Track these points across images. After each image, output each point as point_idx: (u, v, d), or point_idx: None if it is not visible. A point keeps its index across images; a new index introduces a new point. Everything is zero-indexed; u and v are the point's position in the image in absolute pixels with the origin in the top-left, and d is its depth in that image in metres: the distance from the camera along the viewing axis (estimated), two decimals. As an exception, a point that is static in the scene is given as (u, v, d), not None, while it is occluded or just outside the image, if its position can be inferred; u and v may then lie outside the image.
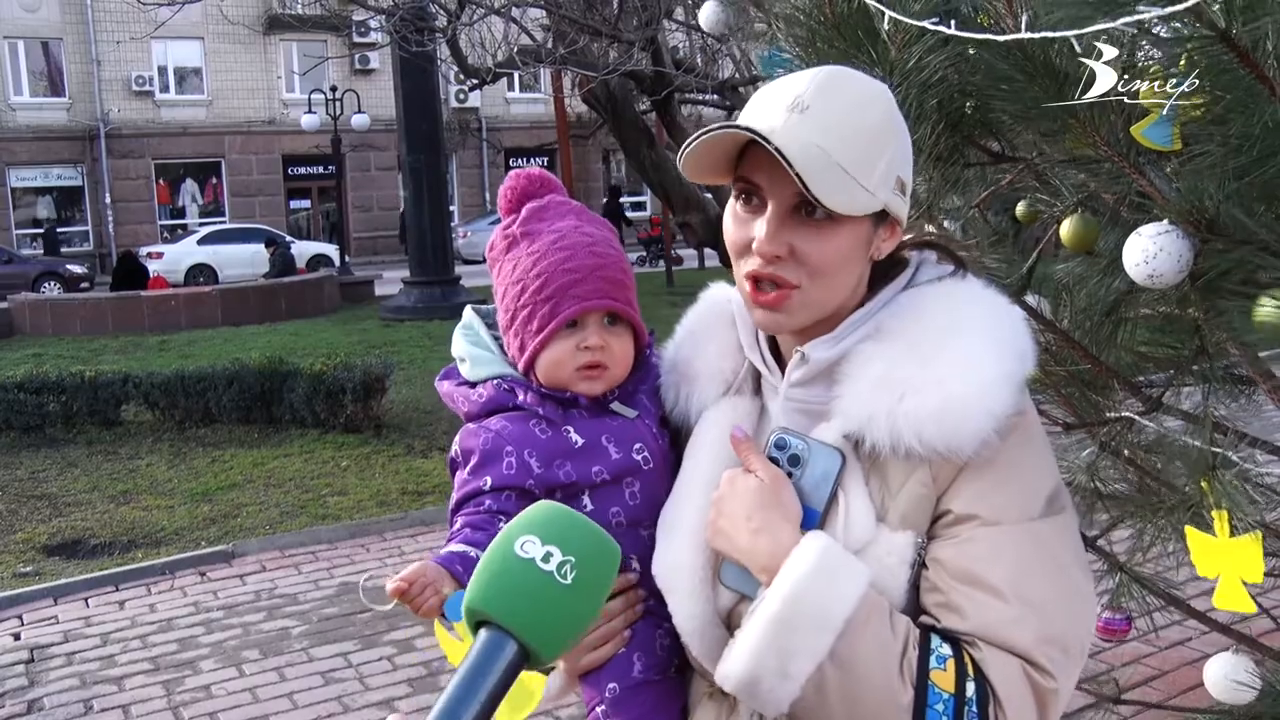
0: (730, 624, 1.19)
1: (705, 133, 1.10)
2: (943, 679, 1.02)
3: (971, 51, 1.62)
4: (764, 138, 1.06)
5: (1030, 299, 1.97)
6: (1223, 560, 1.55)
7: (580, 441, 1.32)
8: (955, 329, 1.12)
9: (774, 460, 1.14)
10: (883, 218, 1.15)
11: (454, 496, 1.35)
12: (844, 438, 1.13)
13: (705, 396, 1.29)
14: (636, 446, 1.33)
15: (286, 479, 7.11)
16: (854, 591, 1.04)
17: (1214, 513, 1.56)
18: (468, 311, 1.47)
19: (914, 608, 1.10)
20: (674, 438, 1.36)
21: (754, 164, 1.14)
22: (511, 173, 1.44)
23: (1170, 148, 1.45)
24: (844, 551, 1.08)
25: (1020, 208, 2.10)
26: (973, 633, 1.05)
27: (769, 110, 1.12)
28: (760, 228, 1.13)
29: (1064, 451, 2.13)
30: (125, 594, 5.28)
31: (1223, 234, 1.39)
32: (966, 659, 1.04)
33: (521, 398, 1.35)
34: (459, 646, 1.34)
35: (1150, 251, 1.42)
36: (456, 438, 1.37)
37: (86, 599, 5.22)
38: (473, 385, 1.39)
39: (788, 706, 1.05)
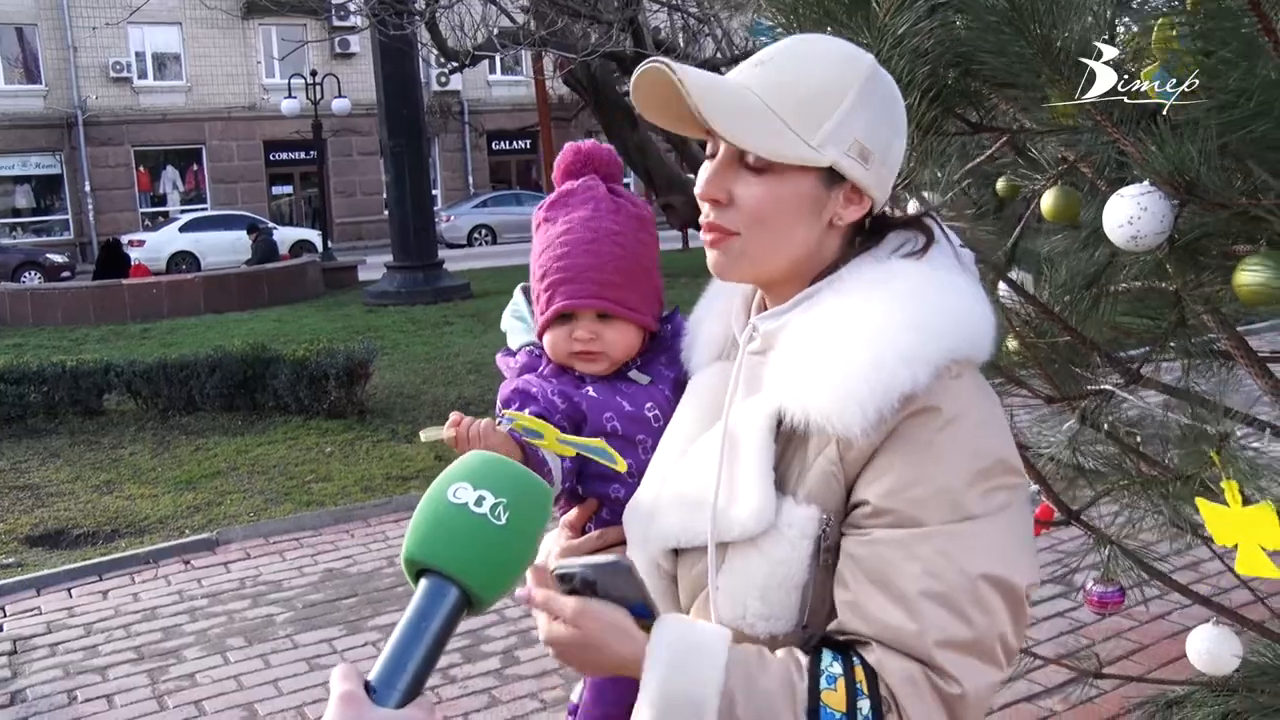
0: (673, 572, 1.21)
1: (641, 68, 1.12)
2: (833, 699, 1.02)
3: (955, 21, 1.60)
4: (670, 66, 1.07)
5: (1013, 273, 1.96)
6: (1239, 529, 1.55)
7: (596, 396, 1.44)
8: (873, 306, 1.09)
9: (575, 592, 1.10)
10: (837, 180, 1.13)
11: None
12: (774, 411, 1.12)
13: (701, 359, 1.34)
14: (648, 405, 1.42)
15: (270, 466, 7.08)
16: (716, 665, 1.03)
17: (1224, 483, 1.56)
18: (517, 291, 1.64)
19: (821, 584, 1.09)
20: None
21: None
22: (566, 146, 1.53)
23: (1170, 100, 1.43)
24: (692, 628, 1.08)
25: (1001, 183, 2.08)
26: (875, 637, 1.04)
27: (742, 67, 1.15)
28: (703, 173, 1.15)
29: (1044, 425, 2.13)
30: (109, 584, 5.25)
31: (1202, 196, 1.37)
32: (858, 674, 1.03)
33: (545, 366, 1.49)
34: None
35: (1133, 212, 1.40)
36: (498, 393, 1.51)
37: (69, 589, 5.19)
38: (514, 354, 1.56)
39: None
